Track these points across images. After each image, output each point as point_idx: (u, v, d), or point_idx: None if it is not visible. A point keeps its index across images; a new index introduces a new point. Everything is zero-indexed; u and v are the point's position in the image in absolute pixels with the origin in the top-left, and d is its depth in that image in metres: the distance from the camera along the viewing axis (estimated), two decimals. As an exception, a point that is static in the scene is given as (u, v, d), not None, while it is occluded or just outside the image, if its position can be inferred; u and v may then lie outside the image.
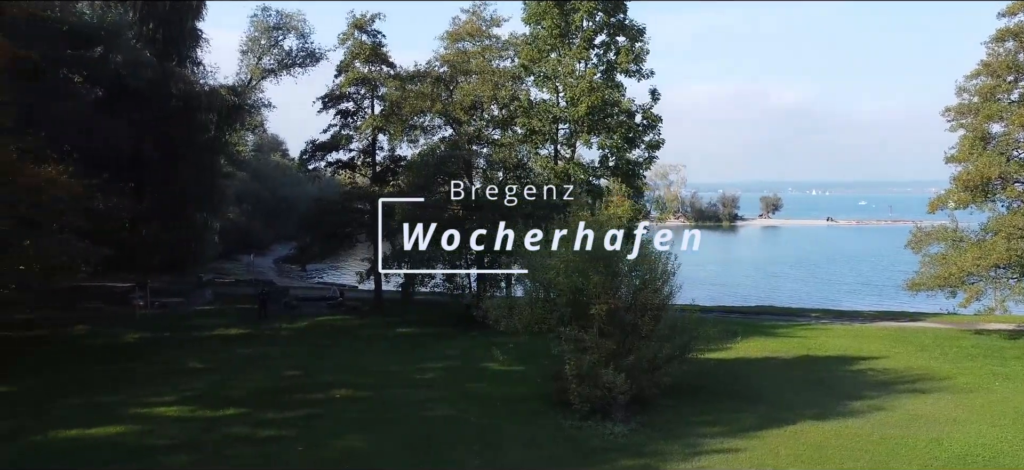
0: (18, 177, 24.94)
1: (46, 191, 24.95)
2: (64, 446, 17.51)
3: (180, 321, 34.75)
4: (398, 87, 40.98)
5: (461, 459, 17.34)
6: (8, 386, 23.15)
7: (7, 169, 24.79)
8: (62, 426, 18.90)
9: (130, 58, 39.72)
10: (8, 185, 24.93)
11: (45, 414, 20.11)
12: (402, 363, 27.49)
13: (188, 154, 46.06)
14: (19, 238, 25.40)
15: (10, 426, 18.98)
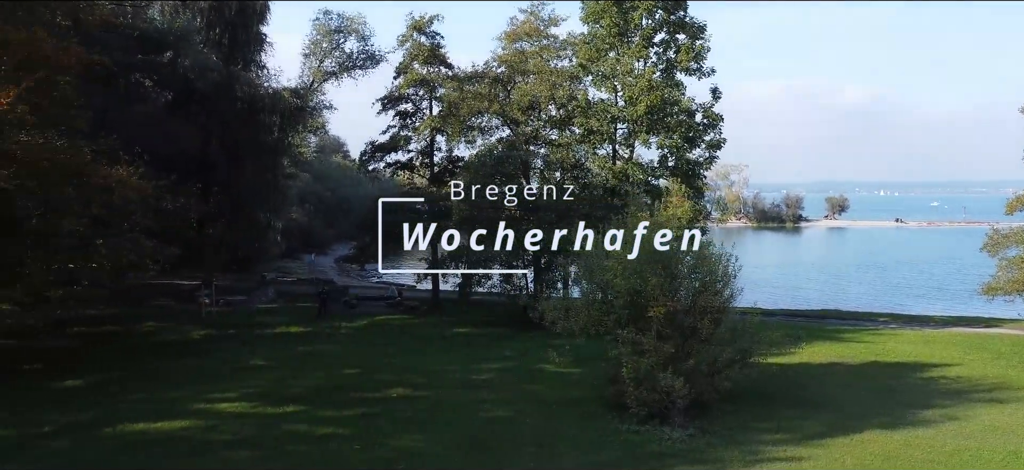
0: (92, 178, 25.85)
1: (117, 192, 25.73)
2: (132, 439, 18.01)
3: (244, 319, 35.52)
4: (456, 88, 41.18)
5: (517, 461, 17.24)
6: (82, 380, 23.94)
7: (82, 171, 25.70)
8: (130, 419, 19.46)
9: (198, 63, 40.84)
10: (83, 186, 25.88)
11: (115, 407, 20.72)
12: (459, 363, 27.53)
13: (252, 156, 47.13)
14: (92, 237, 26.27)
15: (84, 418, 19.62)
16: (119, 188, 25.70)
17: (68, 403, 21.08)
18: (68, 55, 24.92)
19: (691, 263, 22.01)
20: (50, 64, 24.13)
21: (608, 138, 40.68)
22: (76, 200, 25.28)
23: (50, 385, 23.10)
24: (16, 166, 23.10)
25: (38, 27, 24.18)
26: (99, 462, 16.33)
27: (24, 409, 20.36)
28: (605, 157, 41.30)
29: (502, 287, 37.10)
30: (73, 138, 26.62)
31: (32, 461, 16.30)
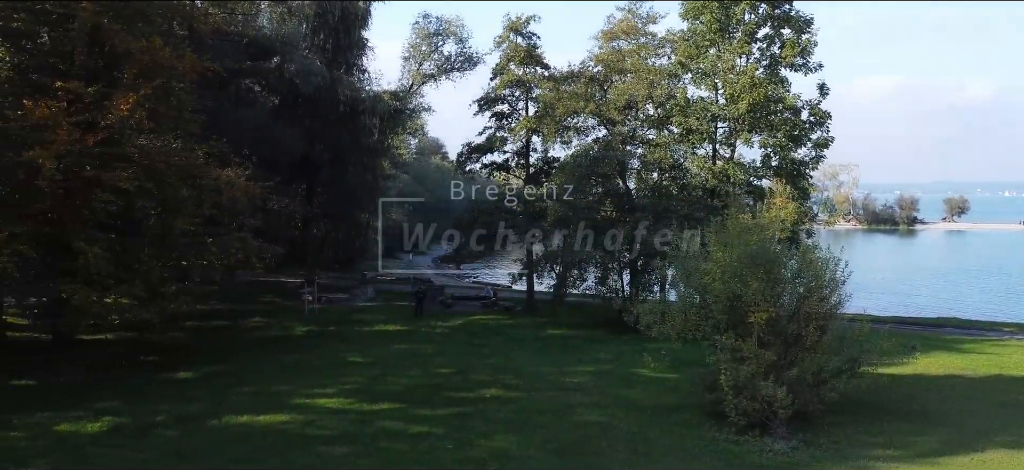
0: (204, 180, 27.14)
1: (226, 193, 26.88)
2: (236, 431, 18.68)
3: (344, 316, 36.47)
4: (552, 88, 41.02)
5: (609, 467, 16.90)
6: (193, 372, 25.07)
7: (195, 173, 27.03)
8: (235, 412, 20.20)
9: (302, 68, 42.25)
10: (195, 187, 27.20)
11: (222, 400, 21.58)
12: (552, 365, 27.33)
13: (353, 157, 48.41)
14: (203, 236, 27.53)
15: (193, 409, 20.51)
16: (228, 189, 26.82)
17: (180, 394, 22.12)
18: (183, 63, 26.22)
19: (795, 267, 21.08)
20: (166, 72, 25.45)
21: (708, 137, 39.60)
22: (189, 201, 26.51)
23: (164, 376, 24.32)
24: (135, 168, 24.45)
25: (156, 37, 25.52)
26: (204, 452, 16.99)
27: (141, 399, 21.46)
28: (704, 157, 40.23)
29: (597, 289, 36.66)
30: (187, 142, 28.03)
31: (144, 449, 17.12)
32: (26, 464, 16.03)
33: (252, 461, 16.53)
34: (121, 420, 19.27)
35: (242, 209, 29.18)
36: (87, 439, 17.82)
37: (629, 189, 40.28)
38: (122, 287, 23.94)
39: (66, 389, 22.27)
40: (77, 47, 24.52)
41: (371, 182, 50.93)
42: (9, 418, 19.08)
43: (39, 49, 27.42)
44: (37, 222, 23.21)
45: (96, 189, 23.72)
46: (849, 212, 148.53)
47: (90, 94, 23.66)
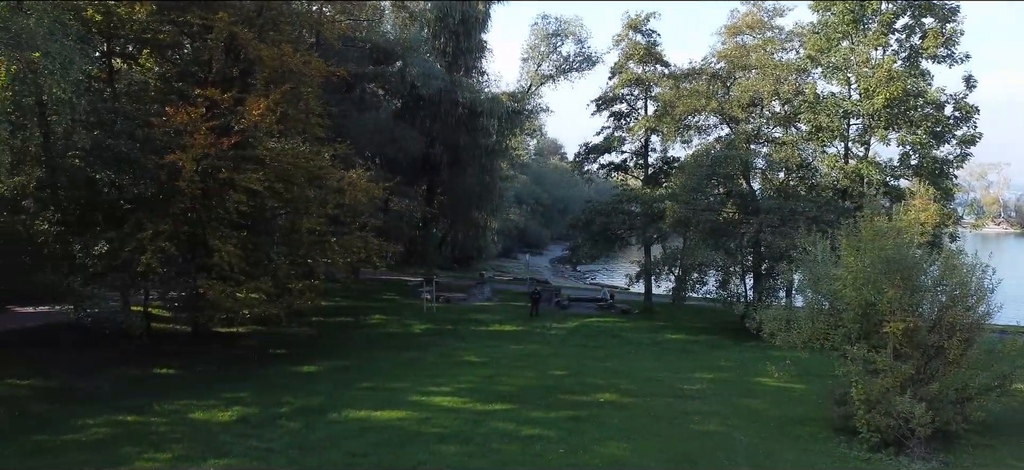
0: (328, 181, 28.18)
1: (348, 193, 27.76)
2: (354, 425, 19.15)
3: (461, 315, 36.92)
4: (672, 86, 40.14)
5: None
6: (317, 366, 26.01)
7: (321, 174, 28.12)
8: (355, 406, 20.74)
9: (423, 71, 43.19)
10: (321, 188, 28.26)
11: (343, 394, 22.23)
12: (670, 371, 26.58)
13: (472, 159, 49.06)
14: (327, 235, 28.56)
15: (316, 402, 21.23)
16: (350, 190, 27.69)
17: (303, 387, 22.95)
18: (310, 68, 27.31)
19: (937, 274, 19.47)
20: (295, 77, 26.54)
21: (839, 135, 37.49)
22: (314, 201, 27.55)
23: (290, 369, 25.33)
24: (266, 170, 25.65)
25: (285, 44, 26.68)
26: (324, 445, 17.49)
27: (268, 390, 22.43)
28: (835, 156, 38.13)
29: (718, 293, 35.42)
30: (314, 144, 29.19)
31: (268, 439, 17.81)
32: (162, 448, 17.02)
33: (368, 456, 16.85)
34: (249, 410, 20.17)
35: (364, 209, 30.06)
36: (218, 427, 18.74)
37: (753, 190, 38.75)
38: (252, 283, 25.14)
39: (201, 379, 23.59)
40: (214, 55, 25.93)
41: (489, 183, 51.47)
42: (150, 404, 20.37)
43: (182, 59, 29.34)
44: (177, 221, 24.73)
45: (230, 190, 25.02)
46: (999, 215, 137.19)
47: (225, 100, 24.98)
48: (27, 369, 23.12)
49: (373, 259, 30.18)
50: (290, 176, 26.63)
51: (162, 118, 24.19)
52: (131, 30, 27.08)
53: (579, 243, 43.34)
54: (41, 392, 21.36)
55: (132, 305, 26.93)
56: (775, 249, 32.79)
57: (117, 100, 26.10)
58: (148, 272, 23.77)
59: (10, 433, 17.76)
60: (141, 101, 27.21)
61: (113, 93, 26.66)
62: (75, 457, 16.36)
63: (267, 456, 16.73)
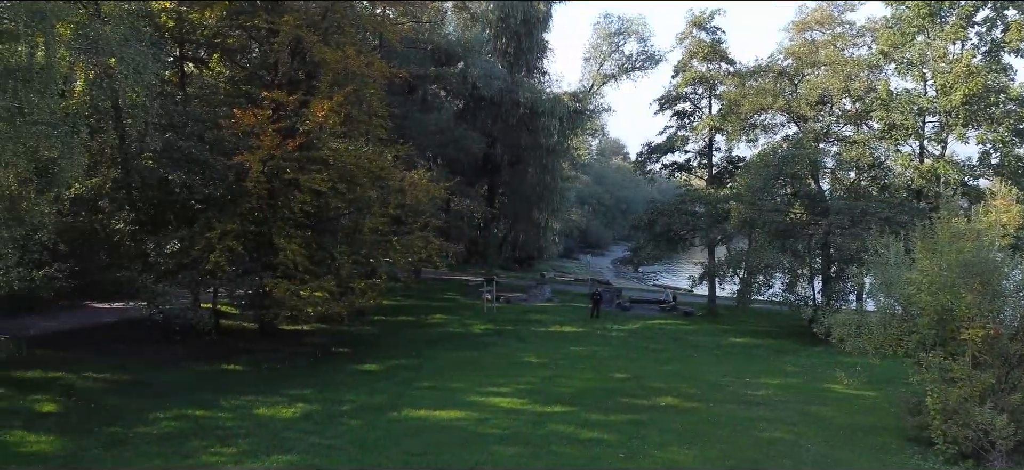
0: (391, 181, 28.50)
1: (410, 193, 28.02)
2: (414, 424, 19.26)
3: (521, 316, 36.86)
4: (737, 84, 39.35)
5: (794, 491, 15.66)
6: (379, 365, 26.31)
7: (383, 174, 28.45)
8: (414, 406, 20.86)
9: (485, 71, 43.36)
10: (382, 188, 28.59)
11: (404, 393, 22.40)
12: (734, 375, 25.97)
13: (533, 159, 49.05)
14: (389, 234, 28.87)
15: (376, 401, 21.44)
16: (412, 190, 27.94)
17: (365, 385, 23.21)
18: (373, 69, 27.65)
19: (1020, 278, 18.49)
20: (358, 79, 26.90)
21: (914, 133, 36.05)
22: (376, 201, 27.88)
23: (352, 367, 25.68)
24: (330, 171, 26.09)
25: (349, 46, 27.07)
26: (383, 443, 17.61)
27: (330, 388, 22.77)
28: (909, 155, 36.68)
29: (784, 296, 34.47)
30: (376, 145, 29.55)
31: (330, 436, 18.05)
32: (228, 443, 17.41)
33: (427, 455, 16.90)
34: (312, 407, 20.50)
35: (425, 209, 30.29)
36: (281, 424, 19.09)
37: (822, 190, 37.64)
38: (316, 282, 25.59)
39: (267, 375, 24.12)
40: (280, 59, 26.48)
41: (550, 183, 51.37)
42: (218, 399, 20.90)
43: (250, 62, 30.09)
44: (244, 221, 25.37)
45: (295, 190, 25.51)
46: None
47: (291, 102, 25.49)
48: (103, 363, 23.99)
49: (434, 259, 30.39)
50: (353, 176, 27.04)
51: (230, 120, 24.82)
52: (202, 35, 27.93)
53: (641, 244, 42.84)
54: (116, 385, 22.13)
55: (202, 302, 27.70)
56: (845, 251, 31.76)
57: (188, 103, 26.91)
58: (216, 270, 24.43)
59: (87, 425, 18.43)
60: (211, 104, 28.00)
61: (185, 96, 27.49)
62: (146, 450, 16.87)
63: (328, 453, 16.93)
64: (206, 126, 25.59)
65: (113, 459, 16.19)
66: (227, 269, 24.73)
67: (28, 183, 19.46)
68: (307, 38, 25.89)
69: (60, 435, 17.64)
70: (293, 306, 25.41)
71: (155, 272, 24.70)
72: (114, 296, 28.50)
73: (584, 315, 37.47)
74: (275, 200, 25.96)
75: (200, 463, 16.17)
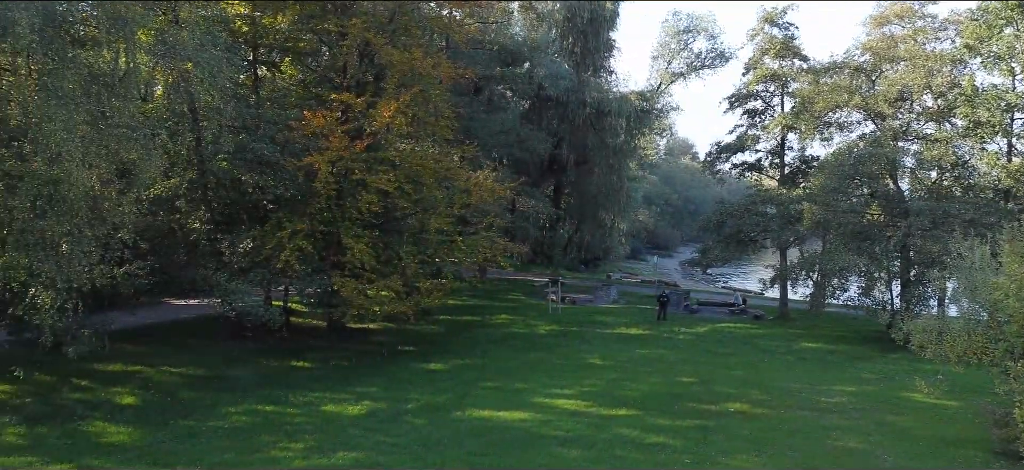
0: (456, 181, 28.66)
1: (475, 193, 28.12)
2: (477, 424, 19.29)
3: (586, 317, 36.57)
4: (811, 81, 38.16)
5: (870, 504, 15.03)
6: (444, 364, 26.49)
7: (448, 174, 28.64)
8: (478, 406, 20.92)
9: (551, 71, 43.23)
10: (449, 188, 28.77)
11: (468, 393, 22.49)
12: (806, 381, 25.16)
13: (599, 159, 48.68)
14: (454, 234, 29.02)
15: (441, 400, 21.59)
16: (477, 190, 28.03)
17: (430, 384, 23.40)
18: (440, 71, 27.84)
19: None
20: (424, 80, 27.11)
21: (1001, 131, 34.21)
22: (442, 201, 28.08)
23: (418, 366, 25.91)
24: (396, 171, 26.39)
25: (416, 48, 27.31)
26: (447, 443, 17.69)
27: (396, 386, 23.04)
28: (996, 153, 34.86)
29: (860, 301, 33.22)
30: (443, 145, 29.76)
31: (395, 434, 18.24)
32: (295, 438, 17.76)
33: (489, 456, 16.90)
34: (377, 405, 20.77)
35: (490, 209, 30.36)
36: (348, 420, 19.38)
37: (901, 190, 36.16)
38: (383, 281, 25.93)
39: (335, 373, 24.57)
40: (348, 61, 26.90)
41: (616, 183, 50.94)
42: (287, 395, 21.40)
43: (320, 65, 30.69)
44: (313, 221, 25.86)
45: (362, 191, 25.88)
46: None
47: (359, 104, 25.88)
48: (179, 358, 24.85)
49: (499, 259, 30.47)
50: (419, 177, 27.31)
51: (300, 122, 25.35)
52: (274, 39, 28.61)
53: (710, 245, 41.95)
54: (191, 380, 22.87)
55: (273, 300, 28.37)
56: (926, 254, 30.45)
57: (261, 106, 27.60)
58: (287, 269, 25.03)
59: (162, 417, 19.10)
60: (282, 107, 28.65)
61: (257, 99, 28.20)
62: (217, 443, 17.36)
63: (393, 451, 17.09)
64: (277, 128, 26.21)
65: (187, 452, 16.71)
66: (297, 268, 25.29)
67: (110, 184, 20.27)
68: (375, 40, 26.23)
69: (138, 427, 18.32)
70: (360, 305, 25.78)
71: (228, 270, 25.40)
72: (191, 293, 29.45)
73: (650, 317, 36.94)
74: (343, 200, 26.39)
75: (268, 458, 16.55)
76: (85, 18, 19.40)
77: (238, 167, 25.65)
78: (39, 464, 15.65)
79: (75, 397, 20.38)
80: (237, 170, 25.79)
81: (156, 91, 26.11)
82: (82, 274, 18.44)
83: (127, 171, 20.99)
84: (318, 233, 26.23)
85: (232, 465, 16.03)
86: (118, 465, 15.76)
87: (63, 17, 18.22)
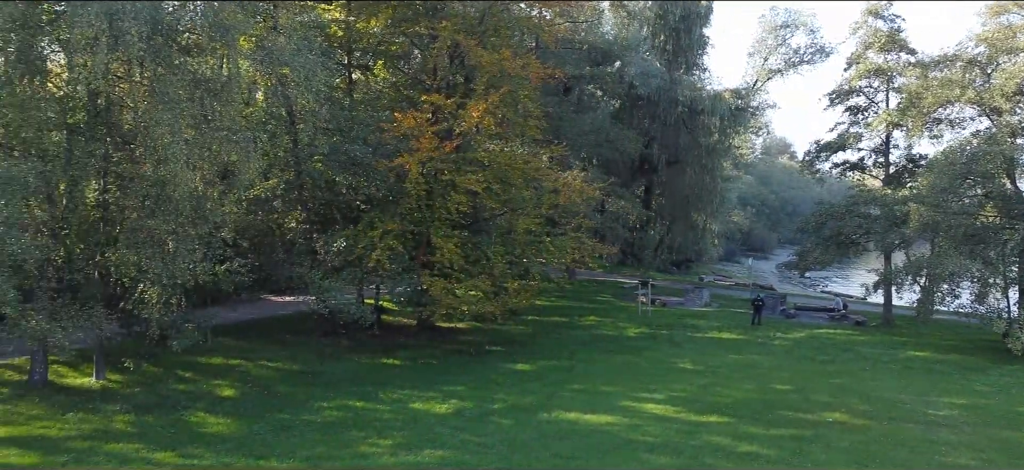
0: (545, 181, 28.58)
1: (563, 194, 27.95)
2: (563, 427, 19.11)
3: (677, 320, 35.83)
4: (919, 76, 36.18)
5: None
6: (530, 365, 26.42)
7: (537, 175, 28.58)
8: (564, 408, 20.72)
9: (641, 70, 42.59)
10: (537, 189, 28.71)
11: (554, 394, 22.34)
12: (912, 392, 23.82)
13: (691, 159, 47.70)
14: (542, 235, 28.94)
15: (527, 401, 21.52)
16: (565, 191, 27.87)
17: (517, 385, 23.38)
18: (529, 71, 27.80)
19: None
20: (513, 80, 27.14)
21: None
22: (531, 201, 28.05)
23: (505, 367, 25.94)
24: (485, 172, 26.53)
25: (505, 49, 27.37)
26: (532, 444, 17.58)
27: (483, 386, 23.12)
28: None
29: (973, 308, 31.24)
30: (531, 146, 29.74)
31: (481, 434, 18.26)
32: (384, 435, 18.05)
33: (575, 459, 16.69)
34: (464, 404, 20.89)
35: (579, 210, 30.13)
36: (435, 419, 19.56)
37: (1019, 190, 33.81)
38: (471, 281, 26.10)
39: (423, 371, 24.89)
40: (439, 63, 27.23)
41: (709, 183, 49.82)
42: (377, 392, 21.82)
43: (411, 67, 31.21)
44: (404, 220, 26.30)
45: (451, 191, 26.15)
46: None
47: (448, 105, 26.16)
48: (276, 353, 25.72)
49: (587, 260, 30.22)
50: (507, 177, 27.37)
51: (392, 124, 25.82)
52: (367, 43, 29.25)
53: (808, 248, 40.38)
54: (286, 374, 23.63)
55: (365, 298, 29.00)
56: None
57: (354, 108, 28.26)
58: (378, 267, 25.53)
59: (259, 410, 19.79)
60: (374, 108, 29.25)
61: (351, 102, 28.90)
62: (310, 437, 17.83)
63: (479, 451, 17.12)
64: (369, 130, 26.77)
65: (281, 444, 17.23)
66: (388, 267, 25.76)
67: (212, 185, 21.19)
68: (465, 42, 26.44)
69: (236, 418, 19.04)
70: (448, 304, 26.04)
71: (323, 268, 26.11)
72: (287, 290, 30.46)
73: (744, 322, 35.87)
74: (433, 201, 26.71)
75: (358, 453, 16.87)
76: (190, 26, 20.30)
77: (332, 168, 26.35)
78: (145, 451, 16.45)
79: (179, 388, 21.37)
80: (331, 171, 26.49)
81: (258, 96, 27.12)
82: (186, 271, 19.32)
83: (228, 172, 21.91)
84: (408, 233, 26.66)
85: (323, 459, 16.40)
86: (217, 455, 16.37)
87: (170, 26, 19.11)
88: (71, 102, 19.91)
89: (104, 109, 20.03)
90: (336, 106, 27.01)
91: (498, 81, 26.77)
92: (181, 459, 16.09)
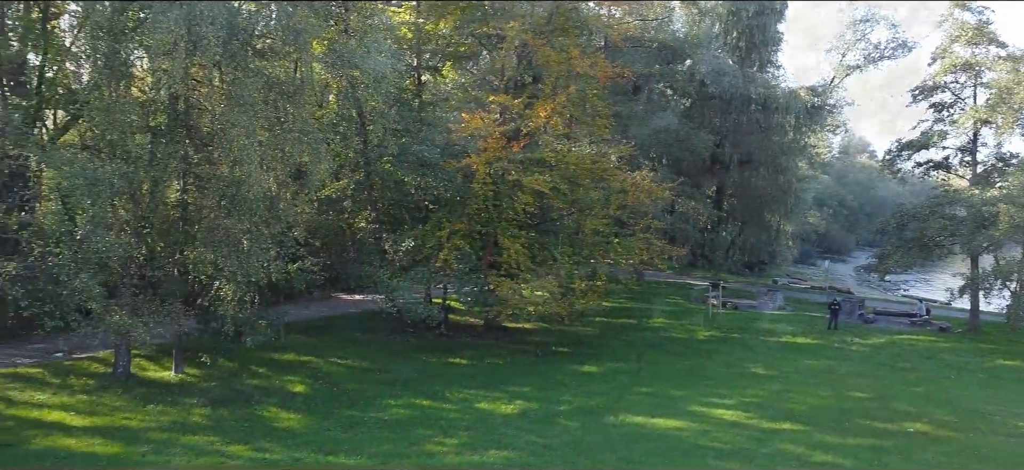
0: (612, 181, 28.26)
1: (632, 194, 27.60)
2: (631, 430, 18.86)
3: (750, 323, 34.96)
4: (1010, 70, 34.43)
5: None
6: (598, 366, 26.20)
7: (605, 175, 28.30)
8: (632, 411, 20.46)
9: (713, 68, 41.76)
10: (605, 189, 28.43)
11: (622, 397, 22.09)
12: (1000, 403, 22.66)
13: (765, 158, 46.51)
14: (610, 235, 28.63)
15: (594, 403, 21.35)
16: (634, 191, 27.51)
17: (583, 387, 23.20)
18: (597, 70, 27.55)
19: None
20: (581, 79, 26.94)
21: None
22: (598, 202, 27.79)
23: (572, 368, 25.77)
24: (552, 172, 26.41)
25: (573, 48, 27.20)
26: (599, 447, 17.41)
27: (549, 387, 23.03)
28: None
29: (1070, 314, 29.57)
30: (599, 145, 29.46)
31: (547, 436, 18.17)
32: (450, 434, 18.14)
33: (642, 464, 16.45)
34: (530, 405, 20.83)
35: (648, 210, 29.70)
36: (500, 419, 19.56)
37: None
38: (538, 281, 25.99)
39: (490, 371, 24.93)
40: (506, 63, 27.25)
41: (784, 183, 48.51)
42: (443, 391, 21.95)
43: (479, 68, 31.34)
44: (471, 221, 26.40)
45: (518, 191, 26.10)
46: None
47: (516, 105, 26.13)
48: (346, 350, 26.16)
49: (656, 261, 29.78)
50: (575, 177, 27.19)
51: (459, 124, 25.95)
52: (436, 44, 29.49)
53: (888, 250, 38.86)
54: (355, 372, 24.01)
55: (432, 298, 29.25)
56: None
57: (423, 110, 28.53)
58: (445, 267, 25.69)
59: (329, 406, 20.17)
60: (443, 109, 29.46)
61: (420, 103, 29.19)
62: (377, 434, 18.07)
63: (544, 453, 17.04)
64: (437, 130, 26.97)
65: (349, 440, 17.50)
66: (455, 266, 25.90)
67: (285, 185, 21.70)
68: (532, 42, 26.38)
69: (306, 414, 19.45)
70: (515, 304, 25.99)
71: (391, 268, 26.44)
72: (357, 289, 30.93)
73: (820, 326, 34.72)
74: (500, 201, 26.72)
75: (424, 451, 17.00)
76: (265, 31, 20.83)
77: (401, 168, 26.65)
78: (220, 444, 16.95)
79: (253, 383, 21.95)
80: (400, 171, 26.80)
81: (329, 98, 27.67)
82: (260, 269, 19.82)
83: (300, 173, 22.41)
84: (476, 233, 26.75)
85: (390, 456, 16.59)
86: (288, 450, 16.74)
87: (246, 30, 19.64)
88: (153, 105, 20.71)
89: (184, 112, 20.72)
90: (405, 107, 27.31)
91: (566, 81, 26.65)
92: (253, 452, 16.51)
